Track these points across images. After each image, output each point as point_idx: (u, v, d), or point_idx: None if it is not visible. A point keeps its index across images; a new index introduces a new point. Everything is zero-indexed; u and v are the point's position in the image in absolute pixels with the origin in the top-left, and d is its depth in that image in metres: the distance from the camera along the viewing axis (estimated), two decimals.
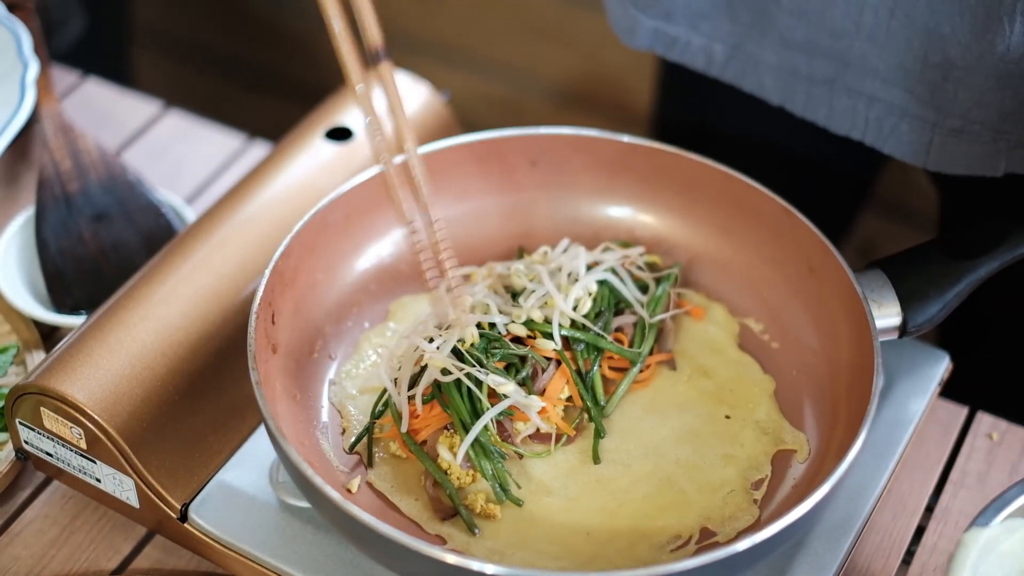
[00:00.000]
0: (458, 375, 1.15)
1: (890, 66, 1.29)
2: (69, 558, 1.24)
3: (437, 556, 1.00)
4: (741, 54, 1.37)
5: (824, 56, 1.32)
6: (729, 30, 1.36)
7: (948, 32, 1.23)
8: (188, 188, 1.57)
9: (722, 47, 1.37)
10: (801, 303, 1.26)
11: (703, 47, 1.38)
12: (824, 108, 1.36)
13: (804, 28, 1.31)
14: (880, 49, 1.28)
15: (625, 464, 1.18)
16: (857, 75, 1.31)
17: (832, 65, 1.32)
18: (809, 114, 1.37)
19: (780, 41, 1.33)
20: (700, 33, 1.38)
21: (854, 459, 1.06)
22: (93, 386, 1.17)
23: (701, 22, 1.37)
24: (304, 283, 1.23)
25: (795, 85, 1.36)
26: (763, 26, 1.33)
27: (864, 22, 1.27)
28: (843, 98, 1.34)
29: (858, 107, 1.33)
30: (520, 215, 1.35)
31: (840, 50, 1.31)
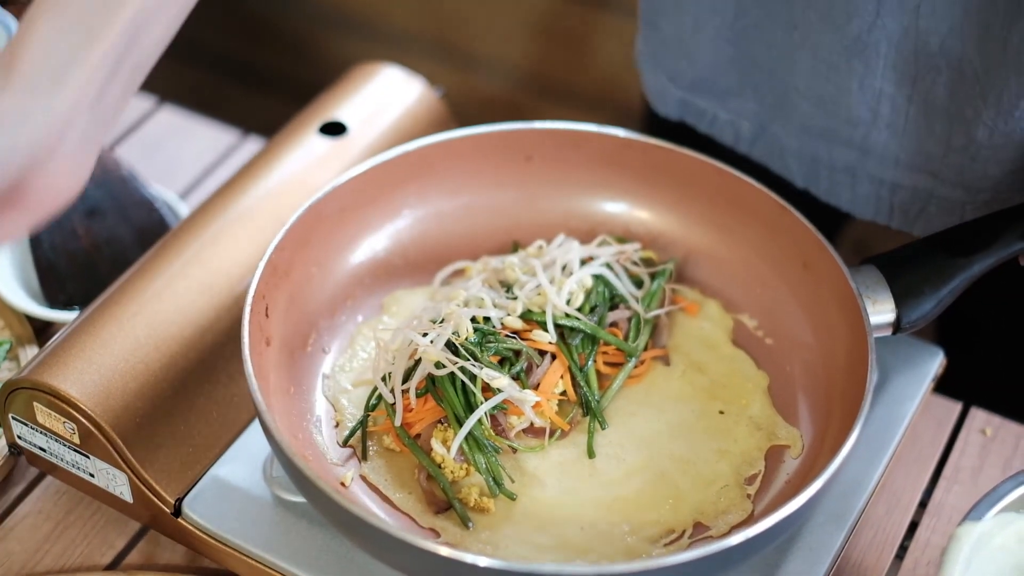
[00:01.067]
0: (452, 369, 1.15)
1: (911, 153, 1.27)
2: (63, 553, 1.23)
3: (431, 549, 1.00)
4: (767, 135, 1.36)
5: (843, 144, 1.31)
6: (755, 110, 1.35)
7: (971, 115, 1.22)
8: (182, 183, 1.57)
9: (749, 125, 1.37)
10: (795, 299, 1.26)
11: (730, 122, 1.38)
12: (847, 194, 1.35)
13: (822, 116, 1.29)
14: (900, 137, 1.27)
15: (619, 458, 1.18)
16: (878, 163, 1.30)
17: (852, 153, 1.31)
18: (833, 200, 1.36)
19: (801, 127, 1.32)
20: (728, 110, 1.37)
21: (848, 454, 1.06)
22: (86, 381, 1.17)
23: (729, 99, 1.36)
24: (298, 276, 1.23)
25: (818, 171, 1.35)
26: (785, 111, 1.32)
27: (881, 111, 1.26)
28: (865, 185, 1.32)
29: (882, 194, 1.32)
30: (515, 210, 1.35)
31: (859, 138, 1.29)
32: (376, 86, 1.47)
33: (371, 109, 1.44)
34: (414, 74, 1.49)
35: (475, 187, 1.34)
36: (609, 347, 1.23)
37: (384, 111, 1.44)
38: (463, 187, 1.34)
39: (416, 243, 1.33)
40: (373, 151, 1.39)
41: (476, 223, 1.34)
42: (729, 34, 1.31)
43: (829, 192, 1.35)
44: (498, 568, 1.00)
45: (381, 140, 1.41)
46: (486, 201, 1.34)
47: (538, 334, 1.20)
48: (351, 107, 1.43)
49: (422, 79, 1.49)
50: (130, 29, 1.03)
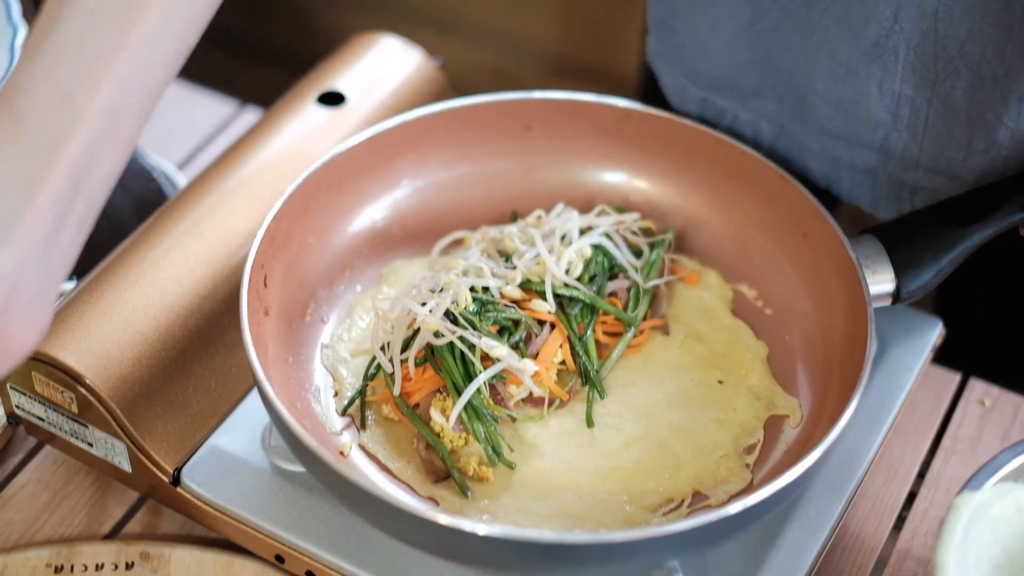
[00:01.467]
0: (451, 338, 1.15)
1: (932, 156, 1.26)
2: (61, 523, 1.24)
3: (430, 517, 1.00)
4: (787, 136, 1.35)
5: (863, 146, 1.30)
6: (776, 110, 1.34)
7: (992, 119, 1.21)
8: (180, 154, 1.57)
9: (769, 126, 1.36)
10: (795, 269, 1.26)
11: (751, 122, 1.37)
12: (868, 195, 1.34)
13: (841, 117, 1.28)
14: (920, 140, 1.26)
15: (618, 428, 1.18)
16: (899, 166, 1.29)
17: (872, 155, 1.29)
18: (854, 200, 1.35)
19: (820, 129, 1.31)
20: (748, 110, 1.36)
21: (846, 425, 1.06)
22: (84, 350, 1.16)
23: (749, 99, 1.35)
24: (296, 246, 1.23)
25: (839, 172, 1.34)
26: (805, 112, 1.31)
27: (901, 114, 1.25)
28: (886, 187, 1.31)
29: (903, 195, 1.31)
30: (514, 180, 1.34)
31: (879, 140, 1.28)
32: (374, 56, 1.46)
33: (369, 79, 1.43)
34: (412, 44, 1.48)
35: (474, 157, 1.34)
36: (608, 317, 1.23)
37: (382, 81, 1.44)
38: (462, 157, 1.33)
39: (415, 213, 1.33)
40: (371, 121, 1.38)
41: (475, 193, 1.34)
42: (747, 37, 1.30)
43: (850, 193, 1.35)
44: (497, 536, 1.00)
45: (379, 110, 1.41)
46: (485, 171, 1.34)
47: (537, 304, 1.20)
48: (349, 77, 1.43)
49: (420, 49, 1.48)
50: (75, 169, 0.96)
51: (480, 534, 0.99)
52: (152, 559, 1.19)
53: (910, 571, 1.23)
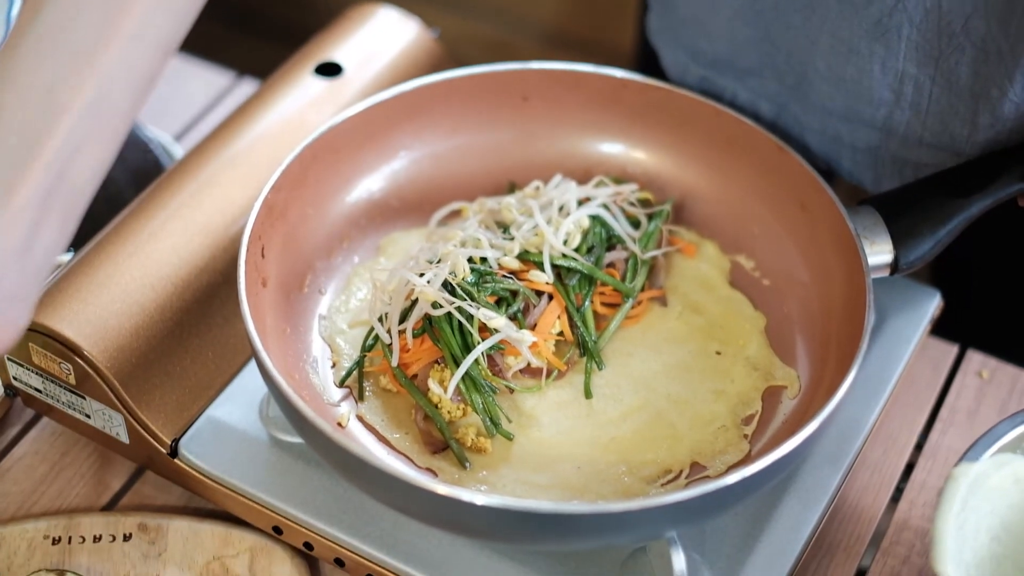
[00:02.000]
0: (448, 309, 1.15)
1: (936, 133, 1.26)
2: (59, 494, 1.24)
3: (428, 488, 1.00)
4: (787, 115, 1.35)
5: (865, 125, 1.29)
6: (776, 90, 1.33)
7: (997, 94, 1.20)
8: (177, 125, 1.57)
9: (769, 105, 1.35)
10: (793, 240, 1.26)
11: (750, 101, 1.36)
12: (870, 173, 1.33)
13: (843, 96, 1.28)
14: (924, 117, 1.25)
15: (616, 399, 1.18)
16: (901, 144, 1.28)
17: (875, 133, 1.29)
18: (856, 179, 1.34)
19: (821, 108, 1.30)
20: (747, 88, 1.35)
21: (844, 395, 1.06)
22: (82, 321, 1.16)
23: (748, 78, 1.35)
24: (294, 217, 1.23)
25: (839, 151, 1.33)
26: (805, 92, 1.31)
27: (904, 92, 1.24)
28: (888, 165, 1.31)
29: (906, 172, 1.30)
30: (511, 151, 1.34)
31: (881, 119, 1.27)
32: (371, 27, 1.46)
33: (367, 50, 1.43)
34: (410, 15, 1.48)
35: (471, 128, 1.33)
36: (606, 288, 1.23)
37: (380, 52, 1.43)
38: (459, 128, 1.33)
39: (412, 184, 1.32)
40: (368, 92, 1.38)
41: (472, 164, 1.34)
42: (747, 15, 1.30)
43: (851, 172, 1.34)
44: (495, 506, 1.00)
45: (376, 81, 1.40)
46: (482, 142, 1.34)
47: (535, 274, 1.20)
48: (346, 48, 1.43)
49: (418, 20, 1.48)
50: (56, 166, 0.94)
51: (478, 504, 0.99)
52: (150, 530, 1.19)
53: (908, 542, 1.23)
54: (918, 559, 1.22)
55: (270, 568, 1.17)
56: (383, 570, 1.13)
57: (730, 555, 1.13)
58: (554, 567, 1.11)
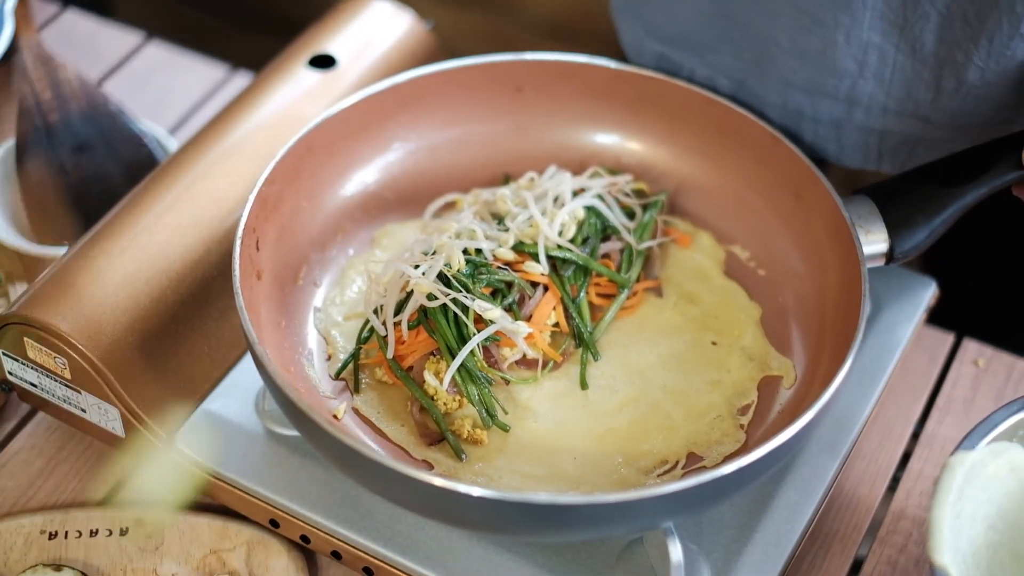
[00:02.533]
0: (444, 300, 1.14)
1: (900, 100, 1.26)
2: (55, 489, 1.23)
3: (425, 480, 0.99)
4: (745, 90, 1.34)
5: (828, 97, 1.29)
6: (733, 65, 1.33)
7: (962, 59, 1.20)
8: (171, 118, 1.57)
9: (727, 81, 1.35)
10: (788, 230, 1.26)
11: (708, 78, 1.36)
12: (834, 145, 1.33)
13: (805, 69, 1.27)
14: (888, 86, 1.25)
15: (612, 389, 1.18)
16: (865, 113, 1.28)
17: (838, 105, 1.29)
18: (819, 152, 1.35)
19: (782, 81, 1.30)
20: (705, 64, 1.35)
21: (840, 385, 1.06)
22: (77, 316, 1.16)
23: (706, 53, 1.34)
24: (288, 210, 1.23)
25: (801, 124, 1.33)
26: (763, 65, 1.30)
27: (869, 61, 1.24)
28: (852, 135, 1.31)
29: (870, 142, 1.31)
30: (506, 142, 1.34)
31: (845, 90, 1.27)
32: (365, 19, 1.45)
33: (360, 42, 1.43)
34: (403, 7, 1.48)
35: (465, 119, 1.33)
36: (601, 279, 1.23)
37: (373, 44, 1.43)
38: (453, 119, 1.33)
39: (407, 176, 1.32)
40: (362, 84, 1.38)
41: (467, 155, 1.33)
42: None
43: (813, 145, 1.34)
44: (491, 498, 1.00)
45: (370, 73, 1.40)
46: (476, 133, 1.34)
47: (530, 265, 1.20)
48: (340, 40, 1.42)
49: (411, 12, 1.48)
50: None
51: (475, 496, 0.99)
52: (146, 525, 1.18)
53: (905, 531, 1.23)
54: (915, 548, 1.22)
55: (267, 561, 1.17)
56: (380, 562, 1.13)
57: (727, 545, 1.13)
58: (551, 558, 1.11)
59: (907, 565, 1.21)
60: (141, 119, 1.47)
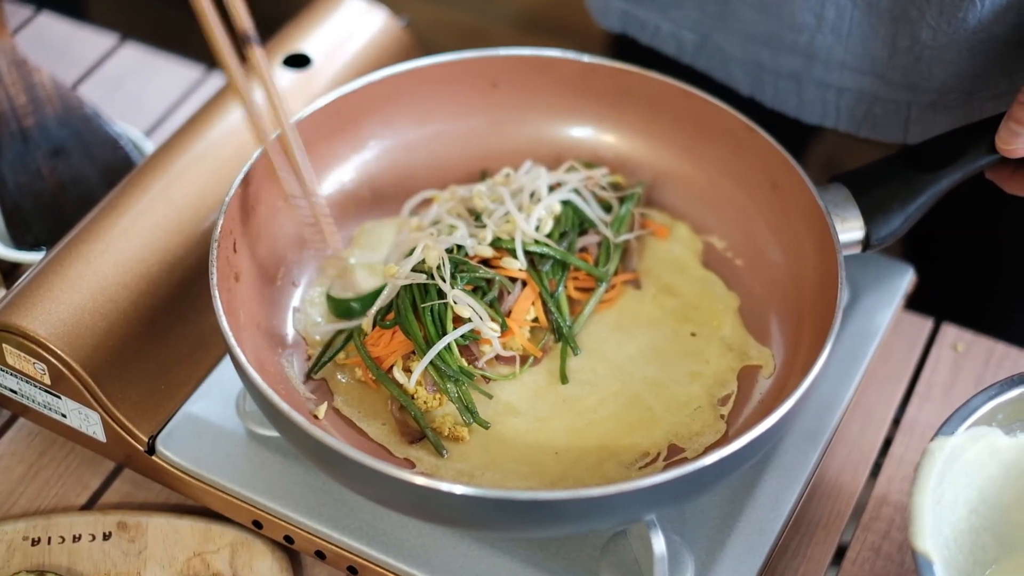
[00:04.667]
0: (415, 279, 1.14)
1: (857, 56, 1.27)
2: (37, 495, 1.23)
3: (406, 479, 0.99)
4: (710, 44, 1.35)
5: (788, 50, 1.30)
6: (697, 19, 1.33)
7: (916, 16, 1.21)
8: (147, 120, 1.56)
9: (692, 36, 1.35)
10: (764, 219, 1.26)
11: (673, 33, 1.36)
12: (793, 100, 1.34)
13: (765, 22, 1.28)
14: (845, 41, 1.26)
15: (592, 383, 1.18)
16: (824, 68, 1.29)
17: (797, 59, 1.30)
18: (779, 106, 1.35)
19: (744, 35, 1.31)
20: (670, 20, 1.36)
21: (819, 373, 1.06)
22: (55, 321, 1.16)
23: (671, 8, 1.35)
24: (265, 210, 1.22)
25: (762, 78, 1.34)
26: (726, 18, 1.31)
27: (826, 15, 1.25)
28: (811, 90, 1.32)
29: (828, 98, 1.32)
30: (482, 137, 1.34)
31: (803, 43, 1.28)
32: (339, 17, 1.45)
33: (335, 40, 1.43)
34: (377, 4, 1.48)
35: (441, 116, 1.33)
36: (580, 272, 1.23)
37: (348, 42, 1.43)
38: (429, 116, 1.33)
39: (384, 174, 1.32)
40: (337, 82, 1.38)
41: (443, 152, 1.33)
42: None
43: (775, 99, 1.35)
44: (474, 496, 1.00)
45: (346, 71, 1.40)
46: (453, 130, 1.33)
47: (508, 261, 1.20)
48: (315, 39, 1.42)
49: (386, 9, 1.48)
50: None
51: (457, 494, 0.99)
52: (129, 528, 1.18)
53: (887, 517, 1.23)
54: (898, 534, 1.22)
55: (251, 562, 1.17)
56: (364, 561, 1.13)
57: (710, 536, 1.13)
58: (534, 553, 1.12)
59: (890, 550, 1.21)
60: (117, 121, 1.47)
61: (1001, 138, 1.17)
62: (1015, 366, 1.34)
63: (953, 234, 1.53)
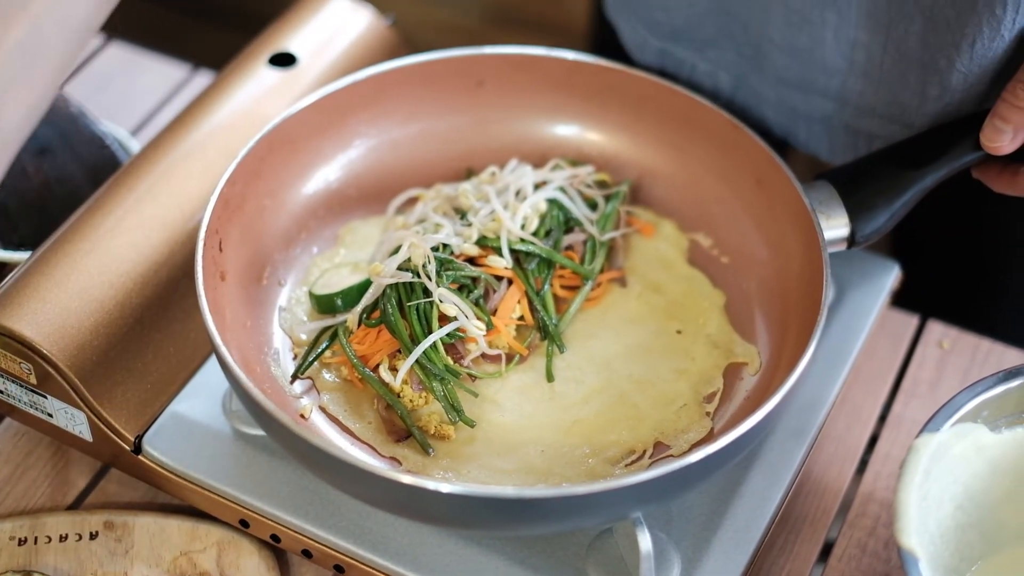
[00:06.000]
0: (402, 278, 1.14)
1: (887, 103, 1.26)
2: (24, 495, 1.23)
3: (392, 478, 1.00)
4: (745, 86, 1.35)
5: (820, 94, 1.30)
6: (734, 60, 1.33)
7: (944, 65, 1.21)
8: (132, 119, 1.56)
9: (727, 76, 1.35)
10: (750, 217, 1.26)
11: (709, 73, 1.36)
12: (825, 144, 1.34)
13: (798, 66, 1.28)
14: (876, 86, 1.26)
15: (578, 381, 1.18)
16: (855, 114, 1.29)
17: (829, 103, 1.30)
18: (811, 150, 1.36)
19: (777, 78, 1.31)
20: (706, 60, 1.35)
21: (804, 370, 1.07)
22: (41, 321, 1.16)
23: (707, 49, 1.34)
24: (251, 209, 1.22)
25: (796, 121, 1.34)
26: (760, 61, 1.31)
27: (856, 60, 1.25)
28: (842, 135, 1.32)
29: (859, 143, 1.31)
30: (467, 136, 1.34)
31: (835, 88, 1.28)
32: (325, 16, 1.45)
33: (321, 39, 1.43)
34: (363, 2, 1.47)
35: (426, 114, 1.33)
36: (565, 271, 1.23)
37: (334, 41, 1.43)
38: (414, 115, 1.33)
39: (369, 172, 1.32)
40: (323, 81, 1.38)
41: (429, 150, 1.33)
42: None
43: (807, 143, 1.35)
44: (460, 494, 1.00)
45: (331, 70, 1.40)
46: (438, 128, 1.34)
47: (494, 260, 1.20)
48: (300, 37, 1.42)
49: (371, 7, 1.48)
50: None
51: (443, 492, 0.99)
52: (116, 528, 1.18)
53: (874, 514, 1.24)
54: (884, 530, 1.23)
55: (238, 561, 1.17)
56: (351, 560, 1.13)
57: (696, 533, 1.14)
58: (521, 551, 1.12)
59: (877, 547, 1.22)
60: (103, 121, 1.47)
61: (986, 135, 1.17)
62: (1000, 362, 1.34)
63: (939, 231, 1.54)
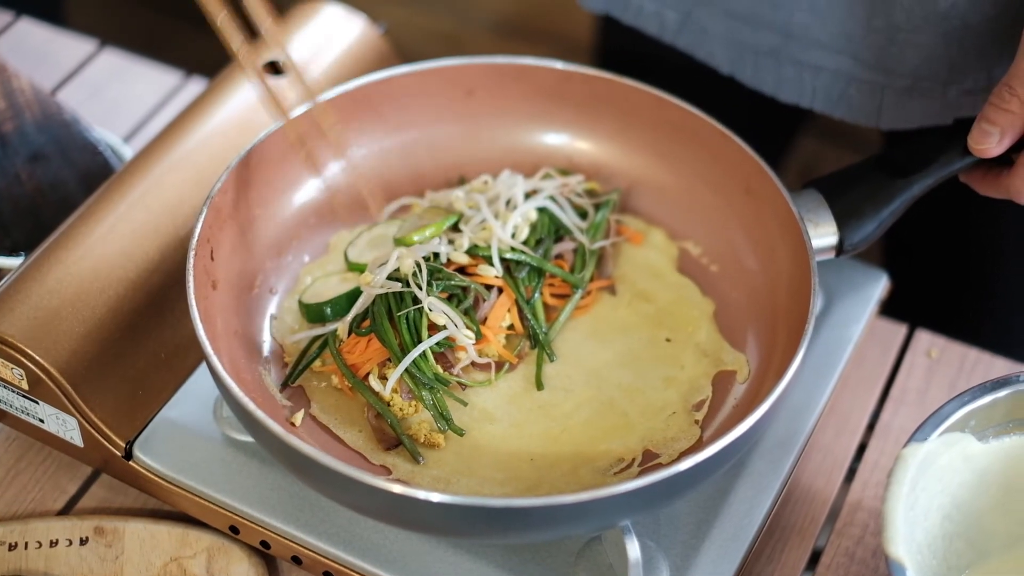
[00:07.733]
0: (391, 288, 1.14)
1: (833, 35, 1.28)
2: (14, 500, 1.23)
3: (382, 486, 1.00)
4: (692, 23, 1.36)
5: (767, 27, 1.31)
6: None
7: None
8: (125, 126, 1.56)
9: (674, 14, 1.36)
10: (739, 225, 1.27)
11: (656, 13, 1.37)
12: (771, 78, 1.35)
13: None
14: (822, 19, 1.27)
15: (567, 390, 1.19)
16: (801, 46, 1.31)
17: (776, 36, 1.31)
18: (757, 84, 1.37)
19: (725, 11, 1.32)
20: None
21: (792, 378, 1.07)
22: (33, 326, 1.16)
23: None
24: (242, 218, 1.23)
25: (743, 56, 1.35)
26: None
27: None
28: (789, 68, 1.33)
29: (804, 76, 1.33)
30: (458, 145, 1.34)
31: (782, 21, 1.30)
32: (317, 24, 1.46)
33: (313, 48, 1.43)
34: (355, 11, 1.48)
35: (417, 123, 1.33)
36: (555, 279, 1.24)
37: (326, 49, 1.43)
38: (405, 124, 1.33)
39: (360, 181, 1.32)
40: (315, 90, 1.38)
41: (420, 159, 1.34)
42: None
43: (754, 77, 1.36)
44: (449, 503, 1.00)
45: (323, 79, 1.40)
46: (429, 137, 1.34)
47: (484, 268, 1.20)
48: (293, 46, 1.42)
49: (364, 16, 1.48)
50: None
51: (433, 501, 1.00)
52: (106, 533, 1.19)
53: (862, 523, 1.24)
54: (872, 539, 1.23)
55: (228, 568, 1.17)
56: (340, 567, 1.13)
57: (685, 541, 1.14)
58: (510, 558, 1.12)
59: (865, 556, 1.22)
60: (96, 127, 1.47)
61: (973, 138, 1.17)
62: (988, 372, 1.35)
63: (927, 240, 1.54)
